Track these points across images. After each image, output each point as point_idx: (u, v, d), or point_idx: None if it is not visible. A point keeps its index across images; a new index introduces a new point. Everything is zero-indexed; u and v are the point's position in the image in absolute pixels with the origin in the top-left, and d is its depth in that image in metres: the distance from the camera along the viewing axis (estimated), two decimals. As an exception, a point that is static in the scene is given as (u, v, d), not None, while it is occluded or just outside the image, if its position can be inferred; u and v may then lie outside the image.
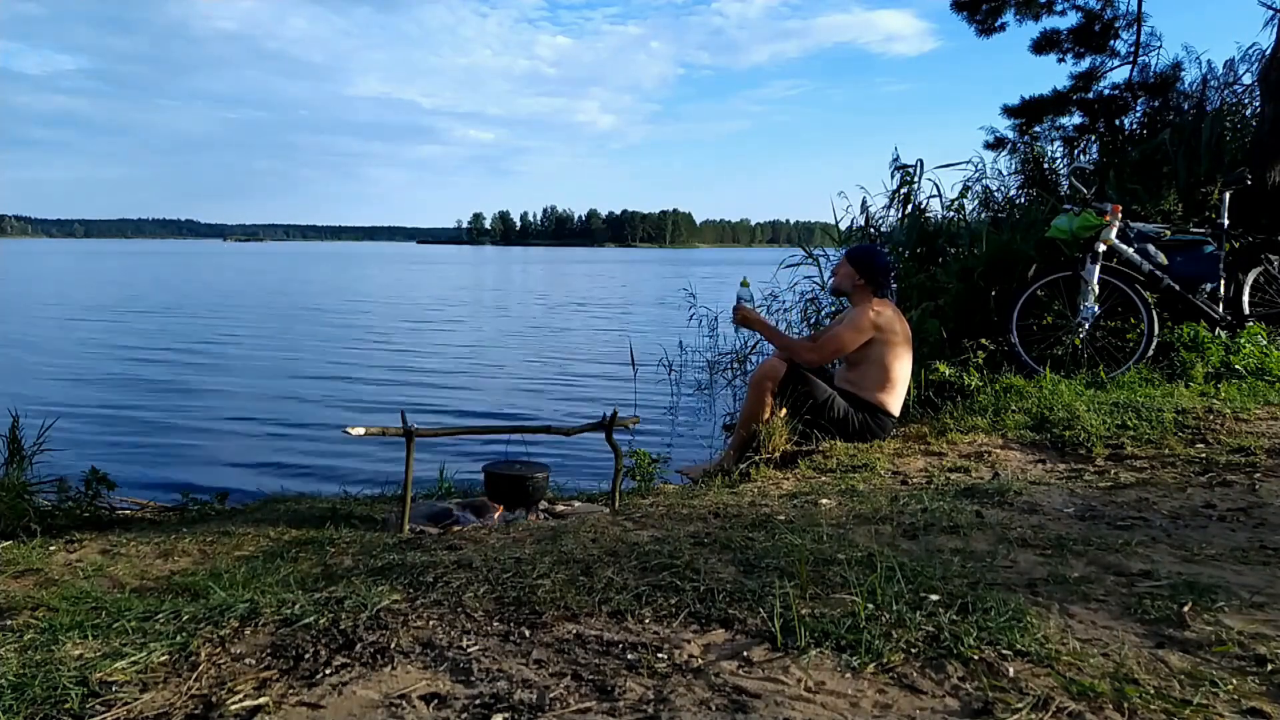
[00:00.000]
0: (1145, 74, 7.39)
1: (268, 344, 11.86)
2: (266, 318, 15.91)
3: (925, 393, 4.16)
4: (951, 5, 8.05)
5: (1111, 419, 3.30)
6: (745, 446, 3.47)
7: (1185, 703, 1.19)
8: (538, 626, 1.50)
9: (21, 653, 1.42)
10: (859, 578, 1.65)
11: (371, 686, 1.27)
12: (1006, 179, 7.03)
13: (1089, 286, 4.30)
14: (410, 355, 10.86)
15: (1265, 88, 5.19)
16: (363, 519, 2.80)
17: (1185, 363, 4.09)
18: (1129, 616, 1.51)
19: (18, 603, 1.81)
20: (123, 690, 1.27)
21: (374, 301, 21.06)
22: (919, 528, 2.11)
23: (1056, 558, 1.85)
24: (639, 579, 1.72)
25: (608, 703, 1.20)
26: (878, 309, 3.56)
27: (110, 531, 2.76)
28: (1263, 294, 4.56)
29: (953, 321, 4.97)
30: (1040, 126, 7.94)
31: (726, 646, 1.40)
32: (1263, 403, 3.46)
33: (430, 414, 6.88)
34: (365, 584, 1.76)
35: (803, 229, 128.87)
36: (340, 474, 4.83)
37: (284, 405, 7.37)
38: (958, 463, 3.02)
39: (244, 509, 3.21)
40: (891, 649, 1.34)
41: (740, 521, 2.25)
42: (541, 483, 2.83)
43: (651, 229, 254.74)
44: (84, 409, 6.92)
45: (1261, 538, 1.98)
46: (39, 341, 11.59)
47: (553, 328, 14.80)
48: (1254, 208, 4.79)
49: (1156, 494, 2.42)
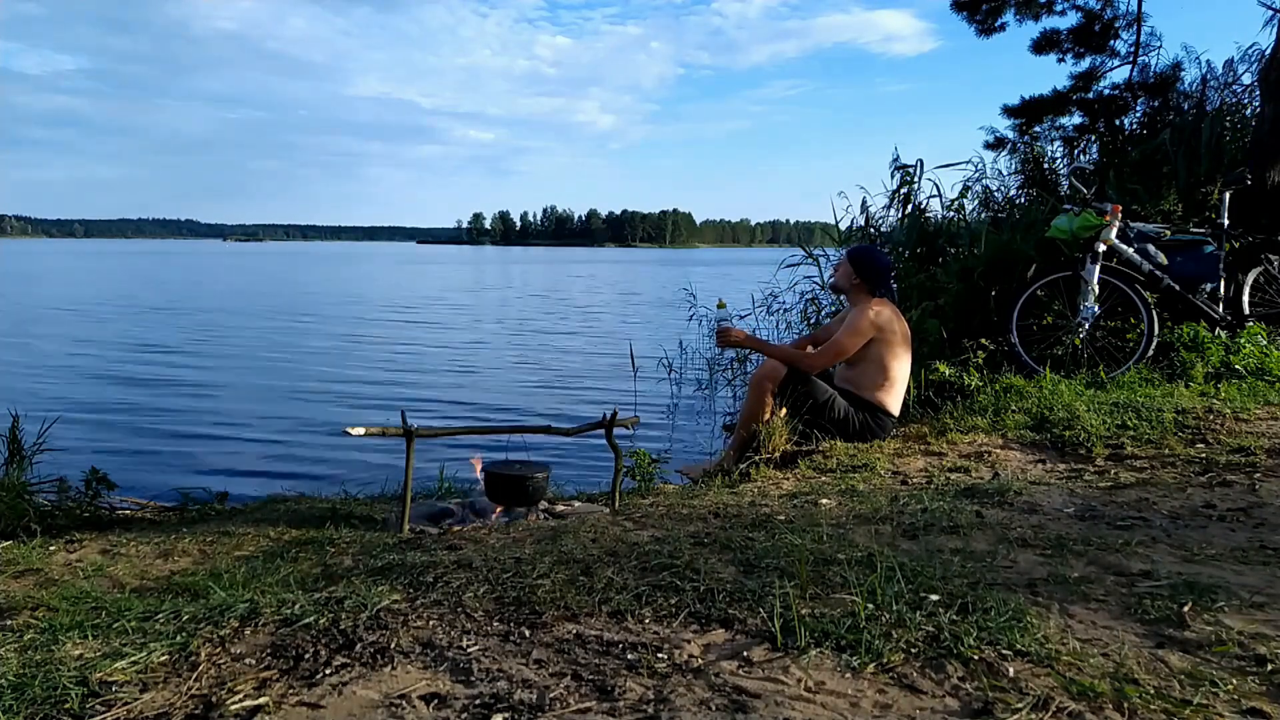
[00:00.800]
0: (1145, 74, 7.39)
1: (268, 344, 11.86)
2: (267, 318, 15.91)
3: (925, 393, 4.16)
4: (951, 5, 8.05)
5: (1111, 419, 3.30)
6: (745, 446, 3.47)
7: (1185, 703, 1.19)
8: (538, 626, 1.50)
9: (21, 653, 1.42)
10: (859, 578, 1.65)
11: (371, 686, 1.27)
12: (1006, 179, 7.03)
13: (1089, 286, 4.30)
14: (410, 355, 10.86)
15: (1265, 88, 5.19)
16: (363, 519, 2.80)
17: (1185, 363, 4.09)
18: (1129, 616, 1.51)
19: (18, 603, 1.81)
20: (123, 690, 1.27)
21: (374, 301, 21.06)
22: (919, 528, 2.11)
23: (1056, 558, 1.85)
24: (639, 579, 1.72)
25: (608, 703, 1.20)
26: (876, 309, 3.56)
27: (110, 531, 2.76)
28: (1263, 294, 4.56)
29: (953, 321, 4.97)
30: (1040, 126, 7.94)
31: (726, 646, 1.40)
32: (1263, 403, 3.46)
33: (430, 414, 6.88)
34: (365, 584, 1.76)
35: (803, 229, 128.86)
36: (340, 474, 4.83)
37: (284, 405, 7.37)
38: (958, 463, 3.02)
39: (244, 509, 3.21)
40: (891, 649, 1.34)
41: (740, 521, 2.25)
42: (541, 483, 2.83)
43: (651, 229, 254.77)
44: (84, 409, 6.92)
45: (1261, 538, 1.98)
46: (39, 341, 11.59)
47: (553, 327, 14.81)
48: (1254, 208, 4.79)
49: (1156, 494, 2.42)
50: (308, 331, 13.66)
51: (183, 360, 10.07)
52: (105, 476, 3.26)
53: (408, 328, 14.58)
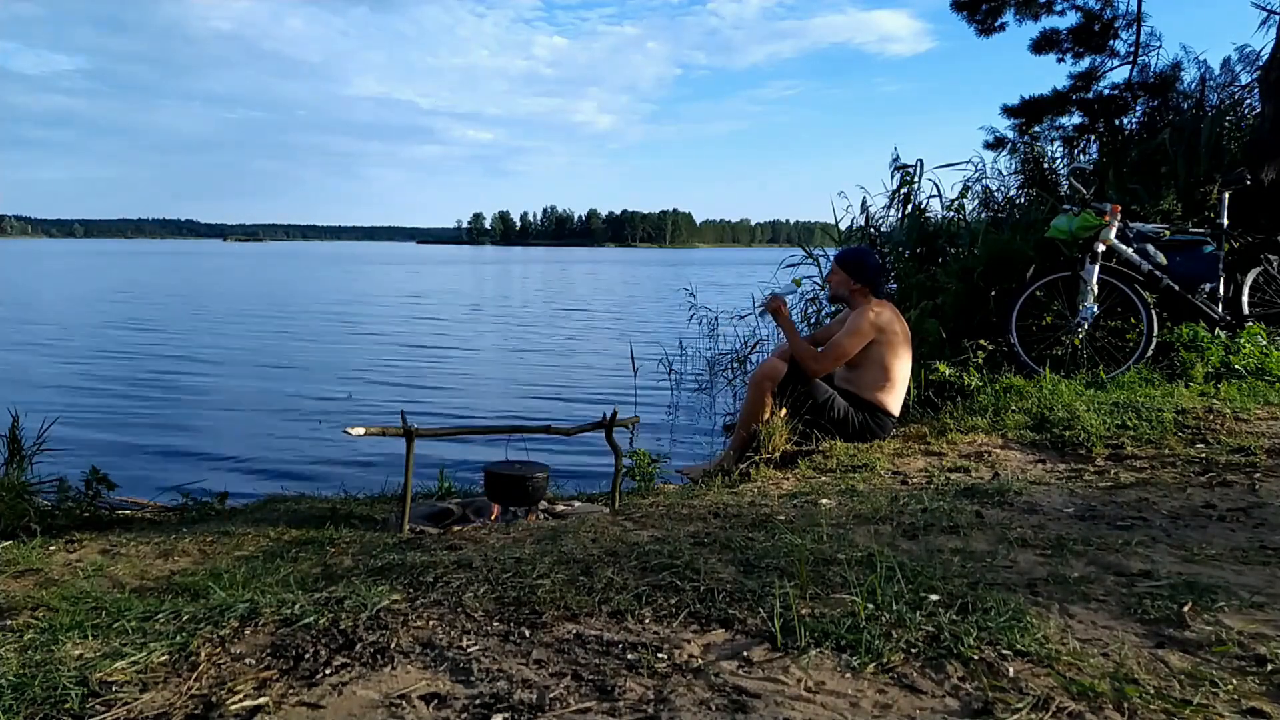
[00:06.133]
0: (1145, 74, 7.40)
1: (268, 344, 11.86)
2: (267, 317, 15.91)
3: (925, 393, 4.16)
4: (951, 5, 8.06)
5: (1111, 419, 3.30)
6: (745, 446, 3.47)
7: (1185, 703, 1.19)
8: (538, 626, 1.50)
9: (21, 653, 1.42)
10: (859, 578, 1.65)
11: (371, 686, 1.27)
12: (1006, 179, 7.04)
13: (1088, 286, 4.30)
14: (410, 355, 10.86)
15: (1265, 88, 5.19)
16: (363, 519, 2.80)
17: (1185, 363, 4.09)
18: (1129, 616, 1.51)
19: (18, 603, 1.81)
20: (123, 690, 1.27)
21: (374, 301, 21.06)
22: (919, 528, 2.11)
23: (1056, 558, 1.85)
24: (639, 579, 1.72)
25: (608, 703, 1.20)
26: (876, 310, 3.57)
27: (110, 531, 2.76)
28: (1262, 294, 4.56)
29: (952, 321, 4.97)
30: (1040, 126, 7.95)
31: (726, 646, 1.40)
32: (1263, 403, 3.46)
33: (430, 414, 6.88)
34: (365, 584, 1.76)
35: (803, 229, 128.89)
36: (340, 474, 4.83)
37: (284, 405, 7.37)
38: (958, 463, 3.02)
39: (244, 509, 3.21)
40: (891, 649, 1.34)
41: (740, 521, 2.25)
42: (541, 483, 2.83)
43: (651, 229, 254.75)
44: (83, 409, 6.92)
45: (1261, 538, 1.98)
46: (39, 341, 11.59)
47: (553, 327, 14.81)
48: (1253, 208, 4.79)
49: (1156, 494, 2.42)
50: (308, 331, 13.66)
51: (183, 360, 10.06)
52: (105, 476, 3.26)
53: (408, 327, 14.58)
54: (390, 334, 13.40)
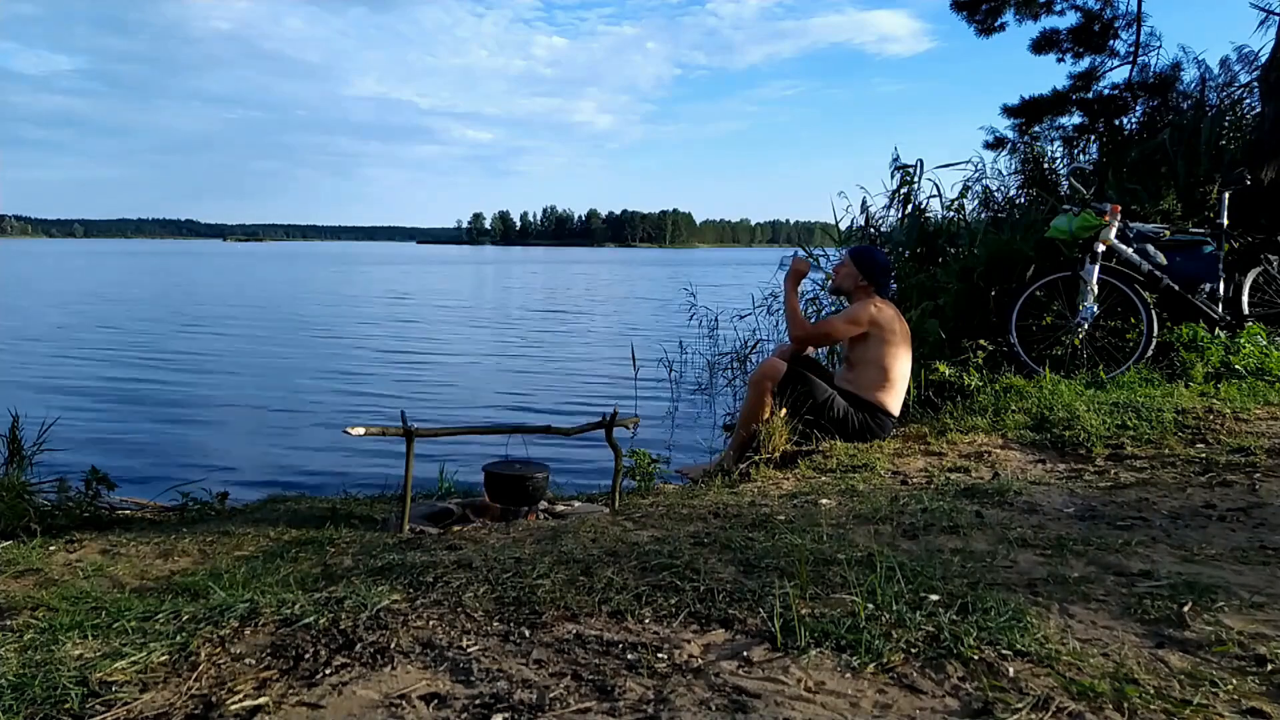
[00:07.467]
0: (1145, 74, 7.40)
1: (268, 344, 11.86)
2: (267, 317, 15.91)
3: (925, 393, 4.16)
4: (951, 5, 8.06)
5: (1111, 419, 3.30)
6: (745, 446, 3.47)
7: (1185, 703, 1.19)
8: (538, 626, 1.50)
9: (21, 653, 1.42)
10: (859, 578, 1.65)
11: (371, 686, 1.27)
12: (1006, 179, 7.04)
13: (1088, 287, 4.30)
14: (410, 355, 10.86)
15: (1265, 88, 5.19)
16: (363, 519, 2.80)
17: (1185, 363, 4.09)
18: (1129, 616, 1.51)
19: (18, 603, 1.81)
20: (123, 690, 1.27)
21: (374, 301, 21.06)
22: (919, 528, 2.11)
23: (1056, 558, 1.85)
24: (639, 579, 1.72)
25: (608, 703, 1.20)
26: (878, 305, 3.58)
27: (110, 531, 2.75)
28: (1262, 294, 4.56)
29: (952, 321, 4.97)
30: (1040, 126, 7.94)
31: (726, 646, 1.40)
32: (1263, 403, 3.46)
33: (430, 414, 6.88)
34: (365, 584, 1.76)
35: (803, 229, 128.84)
36: (340, 474, 4.82)
37: (284, 405, 7.36)
38: (958, 463, 3.02)
39: (244, 509, 3.21)
40: (891, 649, 1.34)
41: (740, 521, 2.25)
42: (541, 483, 2.83)
43: (651, 229, 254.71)
44: (83, 409, 6.92)
45: (1261, 538, 1.98)
46: (39, 341, 11.59)
47: (553, 328, 14.81)
48: (1253, 208, 4.79)
49: (1156, 494, 2.42)
50: (308, 331, 13.66)
51: (183, 360, 10.06)
52: (105, 476, 3.26)
53: (408, 327, 14.58)
54: (391, 333, 13.40)
